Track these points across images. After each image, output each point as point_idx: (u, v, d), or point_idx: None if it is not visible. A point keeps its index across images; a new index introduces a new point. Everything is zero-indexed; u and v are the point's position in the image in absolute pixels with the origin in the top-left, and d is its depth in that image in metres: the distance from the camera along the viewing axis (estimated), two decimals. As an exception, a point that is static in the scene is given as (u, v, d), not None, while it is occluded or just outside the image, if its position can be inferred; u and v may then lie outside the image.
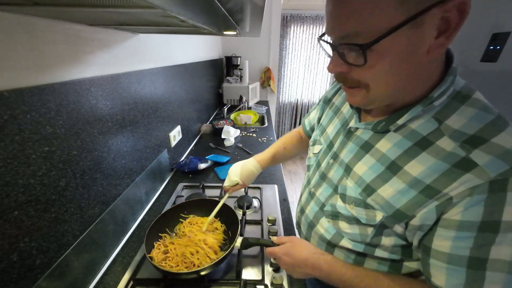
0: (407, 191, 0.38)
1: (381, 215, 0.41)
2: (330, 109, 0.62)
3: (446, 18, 0.30)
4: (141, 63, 0.88)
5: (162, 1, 0.28)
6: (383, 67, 0.34)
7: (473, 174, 0.32)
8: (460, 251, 0.34)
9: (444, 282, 0.36)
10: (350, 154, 0.48)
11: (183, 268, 0.61)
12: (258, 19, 0.65)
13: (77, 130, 0.57)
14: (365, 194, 0.43)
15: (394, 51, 0.33)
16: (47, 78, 0.49)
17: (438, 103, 0.37)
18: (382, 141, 0.43)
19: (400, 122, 0.40)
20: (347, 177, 0.47)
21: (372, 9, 0.31)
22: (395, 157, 0.40)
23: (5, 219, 0.41)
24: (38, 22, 0.47)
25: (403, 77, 0.36)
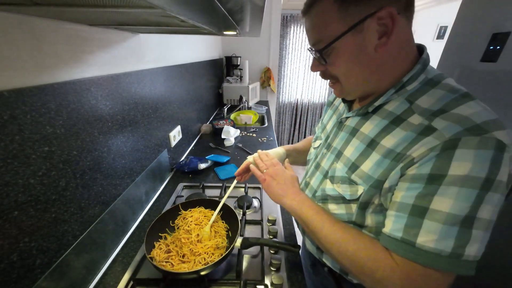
0: (381, 161, 0.43)
1: (362, 188, 0.46)
2: (330, 108, 0.69)
3: (383, 23, 0.39)
4: (141, 63, 0.88)
5: (162, 1, 0.28)
6: (341, 63, 0.45)
7: (432, 136, 0.37)
8: (407, 200, 0.39)
9: (388, 228, 0.41)
10: (341, 141, 0.54)
11: (183, 268, 0.61)
12: (258, 19, 0.65)
13: (77, 130, 0.57)
14: (350, 172, 0.49)
15: (346, 51, 0.43)
16: (47, 78, 0.49)
17: (410, 87, 0.44)
18: (366, 124, 0.49)
19: (377, 104, 0.47)
20: (337, 161, 0.53)
21: (323, 23, 0.43)
22: (374, 135, 0.46)
23: (5, 219, 0.41)
24: (38, 22, 0.47)
25: (362, 70, 0.45)
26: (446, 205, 0.35)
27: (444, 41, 1.29)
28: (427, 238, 0.36)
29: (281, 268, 0.67)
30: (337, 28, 0.41)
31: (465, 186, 0.34)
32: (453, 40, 1.22)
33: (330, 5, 0.41)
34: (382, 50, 0.42)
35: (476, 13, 1.10)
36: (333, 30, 0.42)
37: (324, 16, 0.42)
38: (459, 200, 0.34)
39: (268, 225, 0.82)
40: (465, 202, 0.34)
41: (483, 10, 1.06)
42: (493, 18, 1.01)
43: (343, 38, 0.41)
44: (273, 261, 0.67)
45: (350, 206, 0.49)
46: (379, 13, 0.38)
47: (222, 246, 0.67)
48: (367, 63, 0.44)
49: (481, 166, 0.34)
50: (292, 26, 2.91)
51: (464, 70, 1.15)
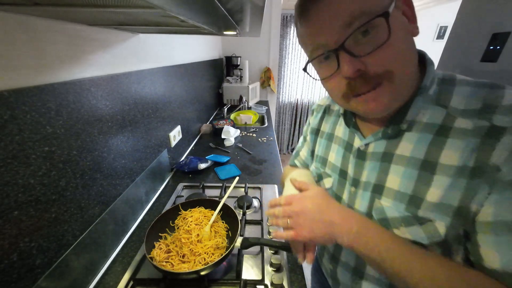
0: (455, 182, 0.34)
1: (443, 224, 0.35)
2: (321, 138, 0.58)
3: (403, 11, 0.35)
4: (141, 63, 0.88)
5: (162, 1, 0.28)
6: (400, 42, 0.33)
7: (509, 135, 0.31)
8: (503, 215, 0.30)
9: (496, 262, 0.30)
10: (374, 173, 0.43)
11: (183, 268, 0.61)
12: (258, 19, 0.65)
13: (77, 130, 0.57)
14: (412, 207, 0.38)
15: (400, 27, 0.33)
16: (47, 78, 0.49)
17: (432, 91, 0.38)
18: (401, 145, 0.40)
19: (410, 118, 0.38)
20: (380, 198, 0.42)
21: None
22: (423, 155, 0.37)
23: (5, 219, 0.41)
24: (38, 22, 0.47)
25: (413, 58, 0.36)
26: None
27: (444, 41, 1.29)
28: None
29: (281, 268, 0.67)
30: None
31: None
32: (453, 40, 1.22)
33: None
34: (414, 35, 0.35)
35: (476, 13, 1.10)
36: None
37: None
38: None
39: (268, 225, 0.82)
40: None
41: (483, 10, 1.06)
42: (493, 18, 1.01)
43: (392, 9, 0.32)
44: (273, 261, 0.67)
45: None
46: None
47: (222, 246, 0.67)
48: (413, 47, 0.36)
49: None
50: (292, 26, 2.91)
51: (464, 70, 1.15)
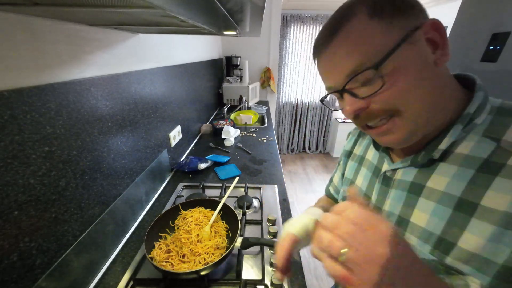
0: (502, 233, 0.29)
1: (477, 283, 0.30)
2: (352, 160, 0.56)
3: (429, 39, 0.33)
4: (141, 63, 0.88)
5: (162, 1, 0.28)
6: (405, 81, 0.32)
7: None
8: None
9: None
10: (399, 203, 0.40)
11: (183, 268, 0.61)
12: (258, 19, 0.65)
13: (77, 130, 0.57)
14: (439, 252, 0.33)
15: (408, 64, 0.32)
16: (47, 78, 0.49)
17: (480, 120, 0.34)
18: (434, 177, 0.36)
19: (443, 146, 0.35)
20: (403, 233, 0.38)
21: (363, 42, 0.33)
22: (461, 192, 0.33)
23: (5, 219, 0.41)
24: (38, 22, 0.47)
25: (430, 88, 0.33)
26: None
27: (444, 41, 1.29)
28: None
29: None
30: (386, 42, 0.32)
31: None
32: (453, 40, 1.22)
33: (366, 21, 0.32)
34: (441, 63, 0.33)
35: (476, 13, 1.10)
36: (380, 45, 0.32)
37: (363, 34, 0.33)
38: None
39: (268, 225, 0.82)
40: None
41: (483, 10, 1.07)
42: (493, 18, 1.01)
43: (401, 49, 0.31)
44: (273, 261, 0.67)
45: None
46: (425, 26, 0.32)
47: (222, 246, 0.67)
48: (433, 78, 0.34)
49: None
50: (292, 26, 2.91)
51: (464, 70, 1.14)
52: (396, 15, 0.32)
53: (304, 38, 2.97)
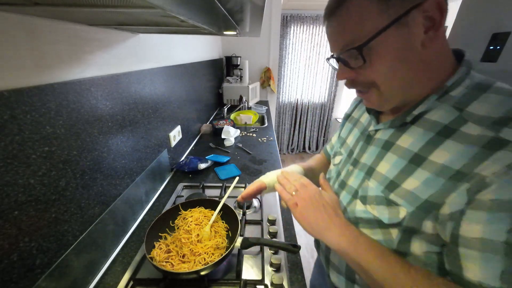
0: (434, 179, 0.36)
1: (404, 210, 0.39)
2: (349, 122, 0.63)
3: (429, 16, 0.35)
4: (141, 63, 0.88)
5: (162, 1, 0.28)
6: (383, 63, 0.38)
7: (507, 150, 0.30)
8: (493, 236, 0.30)
9: (479, 274, 0.32)
10: (372, 157, 0.47)
11: (183, 268, 0.61)
12: (258, 19, 0.65)
13: (77, 130, 0.57)
14: (387, 191, 0.42)
15: (390, 48, 0.37)
16: (47, 78, 0.49)
17: (455, 93, 0.38)
18: (403, 137, 0.43)
19: (416, 112, 0.41)
20: (369, 179, 0.46)
21: (360, 19, 0.37)
22: (418, 149, 0.39)
23: (5, 219, 0.41)
24: (38, 22, 0.47)
25: (407, 69, 0.38)
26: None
27: (444, 41, 1.29)
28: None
29: (281, 268, 0.67)
30: (378, 23, 0.35)
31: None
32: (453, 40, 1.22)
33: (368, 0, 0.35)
34: (430, 46, 0.36)
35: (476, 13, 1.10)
36: (373, 25, 0.36)
37: (361, 11, 0.36)
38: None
39: (268, 225, 0.82)
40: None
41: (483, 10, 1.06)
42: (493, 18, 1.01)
43: (387, 33, 0.35)
44: (273, 261, 0.67)
45: (388, 231, 0.42)
46: (427, 3, 0.34)
47: (222, 246, 0.67)
48: (414, 61, 0.38)
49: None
50: (292, 26, 2.91)
51: (464, 70, 1.15)
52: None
53: (304, 38, 2.97)
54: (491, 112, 0.34)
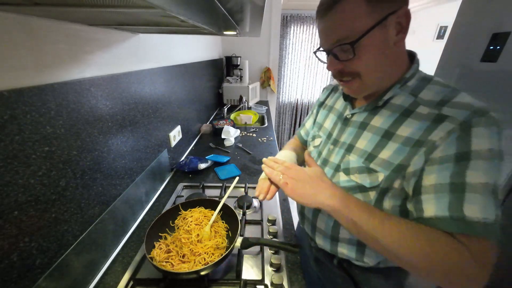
0: (401, 148, 0.47)
1: (382, 175, 0.49)
2: (324, 109, 0.73)
3: (399, 22, 0.44)
4: (141, 63, 0.88)
5: (162, 1, 0.28)
6: (369, 57, 0.46)
7: (447, 122, 0.43)
8: (442, 180, 0.41)
9: (434, 210, 0.42)
10: (350, 136, 0.57)
11: (183, 268, 0.61)
12: (258, 19, 0.65)
13: (77, 130, 0.57)
14: (367, 161, 0.52)
15: (374, 44, 0.45)
16: (47, 78, 0.49)
17: (411, 83, 0.51)
18: (376, 118, 0.53)
19: (386, 97, 0.52)
20: (349, 154, 0.56)
21: (352, 18, 0.44)
22: (387, 126, 0.51)
23: (5, 219, 0.41)
24: (38, 22, 0.47)
25: (385, 63, 0.48)
26: (479, 177, 0.39)
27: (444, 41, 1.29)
28: (472, 210, 0.38)
29: (281, 268, 0.67)
30: (366, 23, 0.43)
31: (489, 158, 0.39)
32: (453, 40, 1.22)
33: (359, 1, 0.42)
34: (398, 45, 0.46)
35: (476, 13, 1.10)
36: (362, 24, 0.43)
37: (353, 11, 0.43)
38: (487, 170, 0.39)
39: (268, 225, 0.82)
40: (491, 172, 0.39)
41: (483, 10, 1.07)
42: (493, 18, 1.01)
43: (373, 32, 0.43)
44: (273, 261, 0.67)
45: (368, 194, 0.52)
46: (399, 12, 0.43)
47: (222, 246, 0.67)
48: (389, 57, 0.48)
49: (495, 140, 0.40)
50: (292, 26, 2.91)
51: (464, 70, 1.15)
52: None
53: (304, 38, 2.97)
54: (434, 97, 0.47)
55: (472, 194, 0.39)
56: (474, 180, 0.39)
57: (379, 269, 0.58)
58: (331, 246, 0.62)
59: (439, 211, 0.41)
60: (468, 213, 0.38)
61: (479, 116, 0.41)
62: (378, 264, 0.58)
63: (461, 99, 0.45)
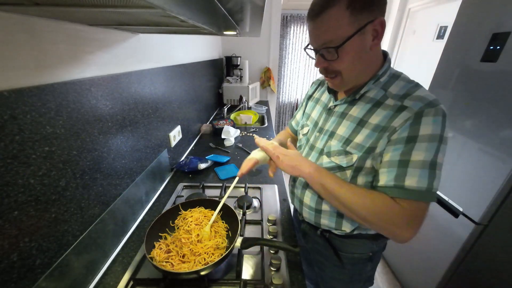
0: (371, 134, 0.57)
1: (356, 156, 0.59)
2: (311, 101, 0.81)
3: (375, 29, 0.52)
4: (141, 63, 0.88)
5: (162, 1, 0.28)
6: (348, 59, 0.55)
7: (406, 111, 0.53)
8: (394, 157, 0.53)
9: (385, 180, 0.54)
10: (333, 124, 0.66)
11: (183, 268, 0.61)
12: (258, 19, 0.65)
13: (77, 130, 0.57)
14: (345, 145, 0.61)
15: (353, 49, 0.53)
16: (47, 78, 0.49)
17: (382, 79, 0.60)
18: (353, 109, 0.63)
19: (362, 91, 0.61)
20: (331, 139, 0.65)
21: (337, 25, 0.51)
22: (362, 115, 0.60)
23: (5, 219, 0.41)
24: (38, 22, 0.47)
25: (361, 64, 0.57)
26: (420, 156, 0.50)
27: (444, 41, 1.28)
28: (411, 180, 0.51)
29: (281, 268, 0.67)
30: (348, 30, 0.51)
31: (431, 141, 0.50)
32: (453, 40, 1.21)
33: (343, 11, 0.49)
34: (373, 49, 0.55)
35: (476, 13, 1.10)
36: (344, 31, 0.51)
37: (338, 20, 0.50)
38: (428, 151, 0.50)
39: (268, 225, 0.82)
40: (431, 152, 0.50)
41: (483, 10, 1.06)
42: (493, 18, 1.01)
43: (353, 38, 0.51)
44: (273, 261, 0.67)
45: (345, 173, 0.62)
46: (376, 21, 0.51)
47: (222, 246, 0.67)
48: (365, 59, 0.57)
49: (438, 127, 0.50)
50: (292, 26, 2.91)
51: (464, 70, 1.14)
52: (364, 8, 0.49)
53: (304, 38, 2.97)
54: (399, 91, 0.57)
55: (412, 169, 0.51)
56: (416, 158, 0.50)
57: (354, 235, 0.69)
58: (315, 218, 0.72)
59: (388, 181, 0.53)
60: (407, 183, 0.51)
61: (430, 107, 0.51)
62: (353, 231, 0.68)
63: (420, 93, 0.54)
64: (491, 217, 1.03)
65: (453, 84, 1.20)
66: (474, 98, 1.09)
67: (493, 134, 1.00)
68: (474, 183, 1.08)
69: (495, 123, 0.99)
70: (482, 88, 1.05)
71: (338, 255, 0.74)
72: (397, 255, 1.60)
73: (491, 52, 1.01)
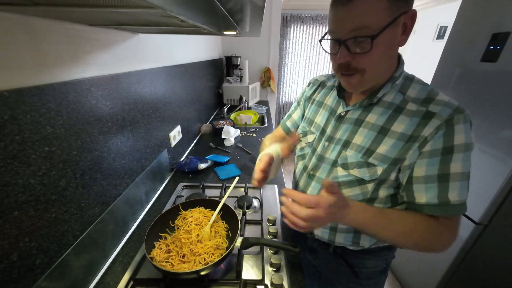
0: (397, 143, 0.51)
1: (381, 169, 0.53)
2: (312, 104, 0.73)
3: (405, 23, 0.46)
4: (141, 63, 0.88)
5: (162, 1, 0.28)
6: (378, 53, 0.47)
7: (435, 119, 0.48)
8: (431, 172, 0.49)
9: (425, 198, 0.50)
10: (346, 133, 0.59)
11: (183, 268, 0.61)
12: (258, 19, 0.65)
13: (77, 130, 0.57)
14: (366, 156, 0.55)
15: (385, 42, 0.46)
16: (47, 78, 0.49)
17: (398, 82, 0.55)
18: (370, 115, 0.56)
19: (379, 95, 0.55)
20: (346, 150, 0.58)
21: (374, 10, 0.43)
22: (382, 123, 0.54)
23: (5, 219, 0.41)
24: (38, 22, 0.47)
25: (386, 61, 0.51)
26: (458, 168, 0.47)
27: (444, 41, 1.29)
28: (453, 195, 0.48)
29: (281, 268, 0.67)
30: (386, 18, 0.44)
31: (465, 151, 0.48)
32: (453, 40, 1.21)
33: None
34: (400, 45, 0.49)
35: (476, 13, 1.10)
36: (382, 19, 0.43)
37: (376, 5, 0.43)
38: (464, 161, 0.48)
39: (268, 225, 0.82)
40: (467, 163, 0.48)
41: (483, 10, 1.06)
42: (493, 18, 1.01)
43: (388, 29, 0.44)
44: (273, 261, 0.67)
45: (365, 186, 0.56)
46: (409, 12, 0.45)
47: (222, 246, 0.67)
48: (390, 56, 0.51)
49: (468, 135, 0.48)
50: (292, 26, 2.91)
51: (464, 70, 1.15)
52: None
53: (304, 38, 2.97)
54: (418, 95, 0.52)
55: (453, 182, 0.48)
56: (455, 170, 0.48)
57: (370, 249, 0.65)
58: (329, 236, 0.66)
59: (430, 198, 0.49)
60: (451, 199, 0.48)
61: (459, 113, 0.47)
62: (370, 246, 0.64)
63: (442, 98, 0.50)
64: (491, 217, 1.03)
65: (453, 84, 1.20)
66: (474, 98, 1.09)
67: (493, 134, 1.00)
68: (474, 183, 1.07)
69: (495, 123, 0.99)
70: (482, 88, 1.06)
71: (354, 271, 0.69)
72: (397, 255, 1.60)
73: (491, 52, 1.01)
